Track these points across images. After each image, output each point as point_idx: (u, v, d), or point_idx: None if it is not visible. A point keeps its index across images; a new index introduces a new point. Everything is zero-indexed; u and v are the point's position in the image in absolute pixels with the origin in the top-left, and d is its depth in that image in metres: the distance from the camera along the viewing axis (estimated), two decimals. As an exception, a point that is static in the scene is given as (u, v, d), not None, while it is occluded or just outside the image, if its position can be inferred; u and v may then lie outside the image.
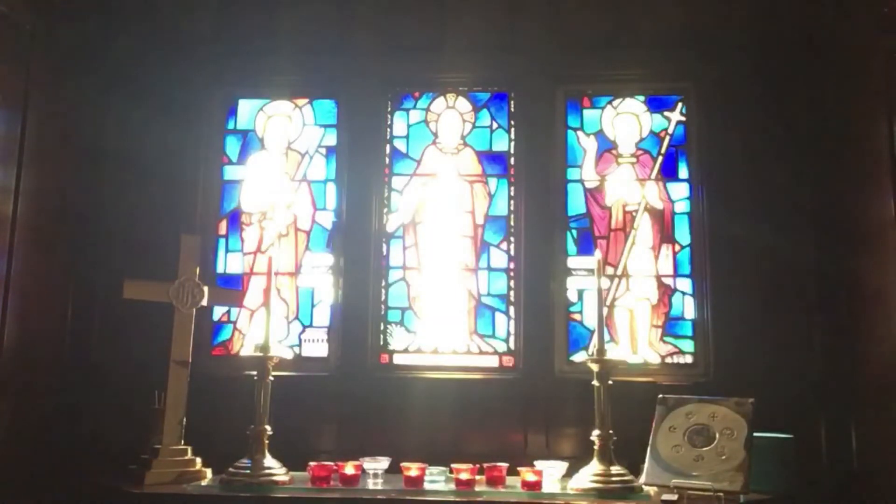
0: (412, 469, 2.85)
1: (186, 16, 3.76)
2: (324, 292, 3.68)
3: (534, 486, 2.80)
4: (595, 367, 2.86)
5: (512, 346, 3.58)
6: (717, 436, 2.80)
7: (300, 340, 3.65)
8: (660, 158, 3.72)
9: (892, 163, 2.89)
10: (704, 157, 3.62)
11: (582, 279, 3.61)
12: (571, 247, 3.65)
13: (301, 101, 3.88)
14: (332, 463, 2.94)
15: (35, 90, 3.06)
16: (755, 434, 2.78)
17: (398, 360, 3.60)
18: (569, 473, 2.93)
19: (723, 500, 2.60)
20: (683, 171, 3.70)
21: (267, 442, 2.89)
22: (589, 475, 2.77)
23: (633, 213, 3.68)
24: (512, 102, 3.80)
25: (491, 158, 3.78)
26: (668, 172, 3.71)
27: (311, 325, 3.66)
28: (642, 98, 3.78)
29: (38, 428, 3.10)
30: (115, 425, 3.27)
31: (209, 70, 3.77)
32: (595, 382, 2.86)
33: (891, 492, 2.88)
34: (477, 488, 2.82)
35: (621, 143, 3.75)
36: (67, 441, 3.24)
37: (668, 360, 3.54)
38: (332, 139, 3.82)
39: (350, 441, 3.34)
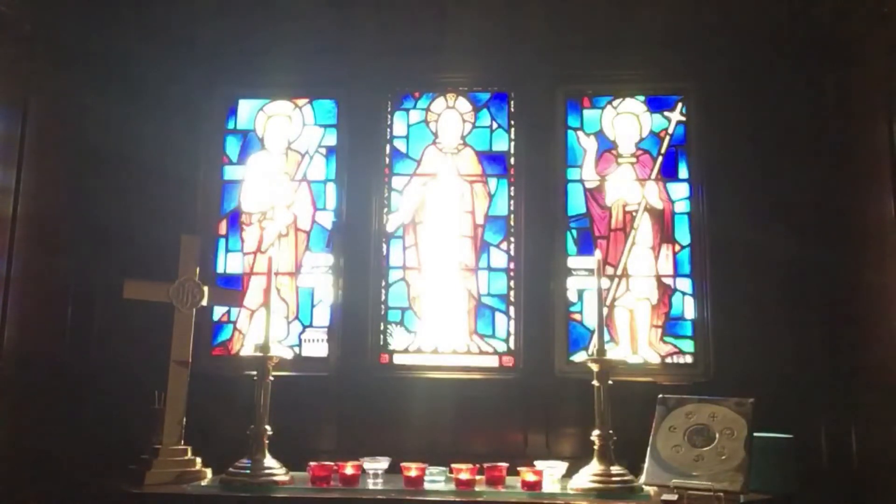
0: (412, 469, 2.85)
1: (186, 16, 3.76)
2: (324, 292, 3.68)
3: (534, 486, 2.80)
4: (595, 367, 2.86)
5: (512, 346, 3.58)
6: (717, 436, 2.80)
7: (300, 340, 3.65)
8: (660, 158, 3.72)
9: (892, 163, 2.90)
10: (704, 157, 3.62)
11: (582, 279, 3.61)
12: (571, 247, 3.65)
13: (301, 101, 3.88)
14: (332, 463, 2.94)
15: (35, 90, 3.06)
16: (755, 434, 2.78)
17: (398, 360, 3.60)
18: (569, 473, 2.93)
19: (723, 500, 2.60)
20: (683, 171, 3.70)
21: (267, 442, 2.89)
22: (589, 475, 2.77)
23: (633, 213, 3.68)
24: (512, 102, 3.80)
25: (491, 158, 3.78)
26: (668, 172, 3.71)
27: (311, 325, 3.66)
28: (642, 98, 3.78)
29: (38, 428, 3.10)
30: (115, 425, 3.27)
31: (209, 70, 3.77)
32: (595, 382, 2.86)
33: (891, 492, 2.88)
34: (477, 488, 2.82)
35: (621, 143, 3.75)
36: (67, 441, 3.23)
37: (668, 360, 3.54)
38: (332, 139, 3.82)
39: (350, 441, 3.34)
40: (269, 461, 2.88)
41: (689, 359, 3.53)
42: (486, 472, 2.90)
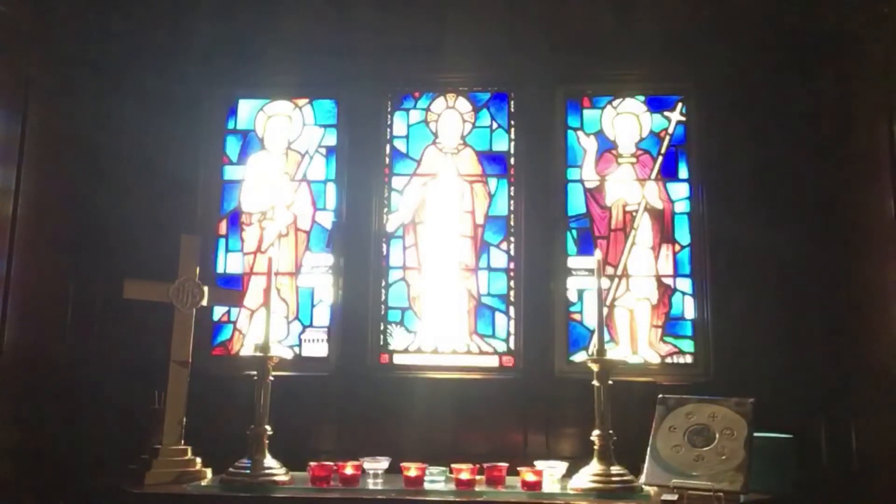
0: (412, 469, 2.85)
1: (186, 16, 3.76)
2: (324, 292, 3.68)
3: (534, 486, 2.80)
4: (595, 367, 2.86)
5: (512, 346, 3.58)
6: (717, 436, 2.80)
7: (300, 340, 3.65)
8: (660, 158, 3.72)
9: (892, 163, 2.89)
10: (704, 157, 3.62)
11: (582, 279, 3.61)
12: (571, 247, 3.66)
13: (301, 101, 3.88)
14: (332, 463, 2.94)
15: (35, 90, 3.06)
16: (755, 434, 2.78)
17: (398, 360, 3.60)
18: (569, 473, 2.93)
19: (723, 500, 2.60)
20: (683, 171, 3.70)
21: (267, 442, 2.89)
22: (589, 475, 2.77)
23: (633, 213, 3.68)
24: (512, 102, 3.80)
25: (491, 158, 3.78)
26: (668, 172, 3.71)
27: (311, 325, 3.66)
28: (642, 98, 3.78)
29: (37, 427, 3.09)
30: (115, 425, 3.27)
31: (209, 70, 3.77)
32: (595, 382, 2.85)
33: (891, 492, 2.88)
34: (477, 488, 2.81)
35: (621, 143, 3.75)
36: (67, 441, 3.23)
37: (668, 360, 3.54)
38: (332, 139, 3.82)
39: (350, 441, 3.34)
40: (269, 461, 2.88)
41: (689, 359, 3.53)
42: (486, 472, 2.90)
